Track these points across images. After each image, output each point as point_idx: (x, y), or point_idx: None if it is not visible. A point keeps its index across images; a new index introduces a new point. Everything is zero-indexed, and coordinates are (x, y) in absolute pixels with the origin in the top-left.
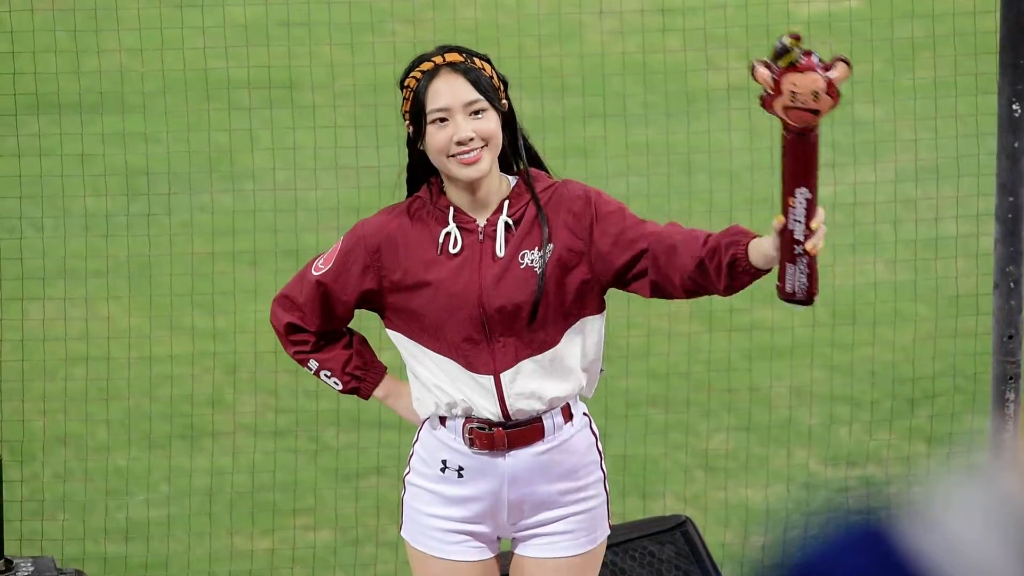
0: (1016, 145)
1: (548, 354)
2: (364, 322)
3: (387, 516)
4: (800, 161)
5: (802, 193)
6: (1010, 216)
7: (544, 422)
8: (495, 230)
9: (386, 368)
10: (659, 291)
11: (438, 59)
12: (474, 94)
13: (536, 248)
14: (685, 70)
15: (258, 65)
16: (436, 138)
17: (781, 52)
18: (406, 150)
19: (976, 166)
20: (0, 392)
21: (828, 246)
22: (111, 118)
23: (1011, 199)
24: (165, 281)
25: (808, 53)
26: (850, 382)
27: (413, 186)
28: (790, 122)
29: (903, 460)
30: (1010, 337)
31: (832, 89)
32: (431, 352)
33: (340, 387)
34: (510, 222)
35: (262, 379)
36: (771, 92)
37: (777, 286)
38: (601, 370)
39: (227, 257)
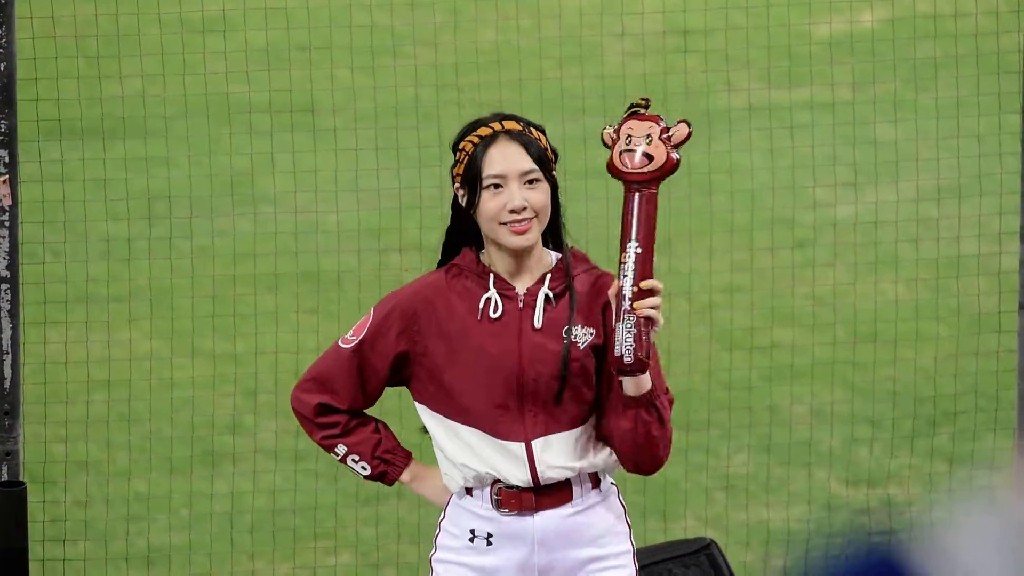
0: None
1: (578, 430)
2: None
3: (407, 539)
4: (632, 215)
5: (632, 247)
6: None
7: (572, 485)
8: (535, 300)
9: (411, 453)
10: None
11: (496, 125)
12: (530, 164)
13: (578, 324)
14: (706, 91)
15: (278, 89)
16: (489, 204)
17: (628, 108)
18: (450, 212)
19: (998, 185)
20: (21, 417)
21: (849, 264)
22: (132, 143)
23: None
24: (185, 305)
25: (653, 114)
26: (871, 402)
27: (449, 249)
28: (624, 169)
29: (924, 480)
30: None
31: (665, 137)
32: (458, 425)
33: (367, 472)
34: (551, 295)
35: (282, 403)
36: (612, 143)
37: (607, 356)
38: None
39: (247, 281)
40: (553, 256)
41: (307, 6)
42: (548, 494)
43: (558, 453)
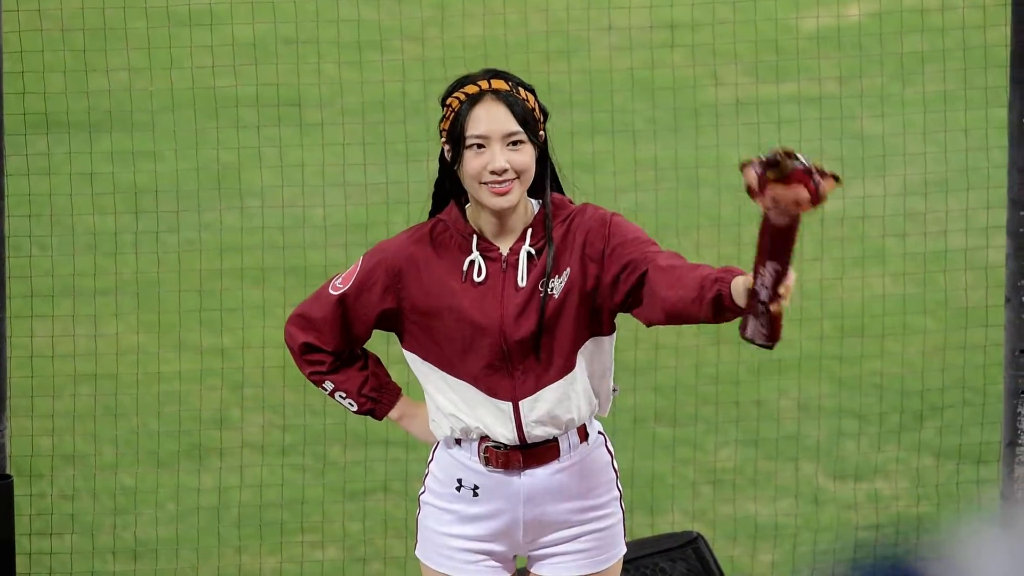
0: None
1: (567, 378)
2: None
3: (394, 533)
4: (776, 244)
5: (772, 265)
6: (1021, 230)
7: (560, 443)
8: (517, 259)
9: (401, 389)
10: (649, 318)
11: (484, 84)
12: (514, 126)
13: (557, 275)
14: (693, 85)
15: (265, 83)
16: (471, 164)
17: (771, 163)
18: (438, 164)
19: (984, 179)
20: (8, 410)
21: (836, 259)
22: (118, 137)
23: (1022, 213)
24: (172, 299)
25: (797, 167)
26: (858, 396)
27: (439, 199)
28: (770, 217)
29: (911, 474)
30: (1022, 351)
31: (816, 198)
32: (448, 376)
33: (355, 408)
34: (532, 252)
35: (269, 397)
36: (755, 192)
37: (740, 327)
38: (615, 389)
39: (234, 275)
40: (535, 205)
41: (294, 0)
42: (535, 453)
43: (547, 404)
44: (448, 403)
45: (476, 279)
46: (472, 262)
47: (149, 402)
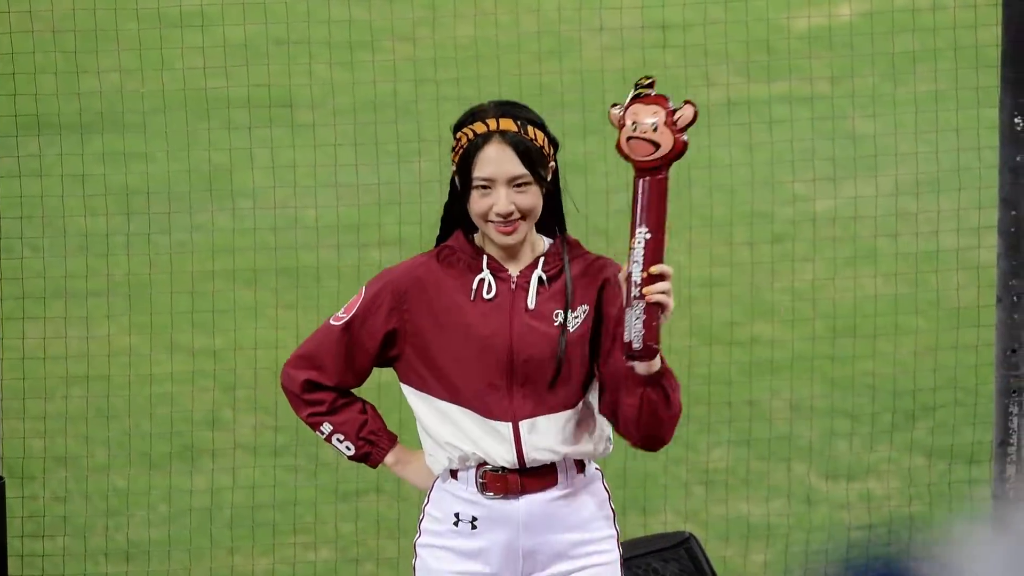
0: (1018, 159)
1: (566, 414)
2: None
3: (387, 534)
4: (643, 200)
5: (641, 233)
6: (1012, 230)
7: (558, 470)
8: (528, 282)
9: (397, 436)
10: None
11: (492, 124)
12: (520, 169)
13: (571, 311)
14: (685, 86)
15: (256, 84)
16: (477, 204)
17: (634, 89)
18: (448, 187)
19: (976, 179)
20: (0, 412)
21: (828, 259)
22: (110, 138)
23: (1013, 213)
24: (164, 300)
25: (659, 95)
26: (850, 396)
27: (449, 221)
28: (632, 156)
29: (903, 474)
30: (1013, 351)
31: (671, 121)
32: (445, 404)
33: (351, 452)
34: (544, 277)
35: (261, 398)
36: (619, 125)
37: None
38: (609, 440)
39: (226, 276)
40: (546, 241)
41: (285, 1)
42: (533, 477)
43: (545, 435)
44: (445, 431)
45: (485, 296)
46: (482, 280)
47: (141, 404)
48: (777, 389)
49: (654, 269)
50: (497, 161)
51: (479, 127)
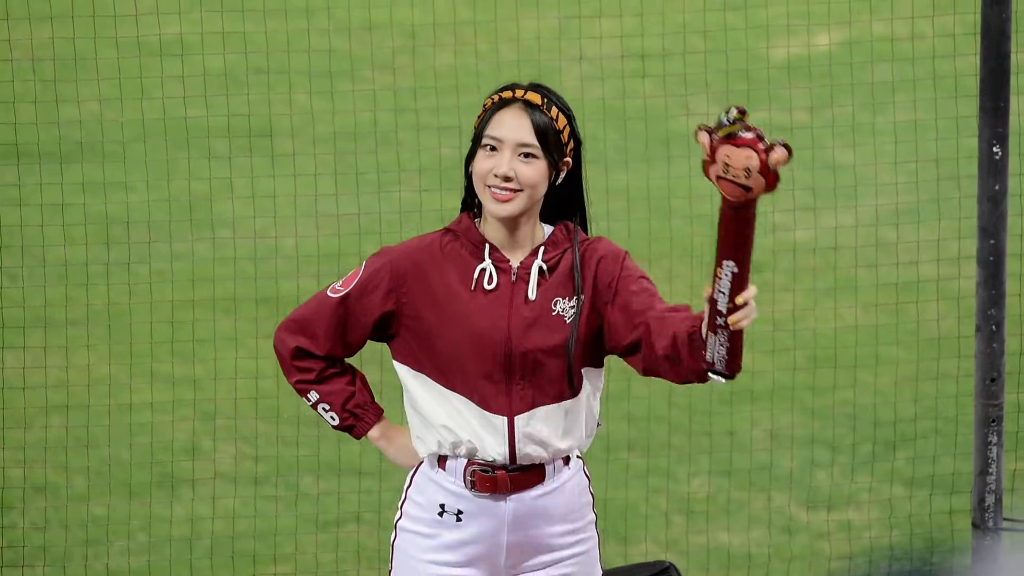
0: (997, 188)
1: (563, 404)
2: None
3: (366, 564)
4: (731, 234)
5: (728, 266)
6: (991, 259)
7: (545, 467)
8: (528, 273)
9: (383, 411)
10: (648, 370)
11: (520, 92)
12: (530, 138)
13: (568, 298)
14: (664, 115)
15: (236, 113)
16: (480, 163)
17: (723, 123)
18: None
19: (956, 209)
20: None
21: (808, 289)
22: (89, 167)
23: (992, 242)
24: (144, 329)
25: (751, 129)
26: (830, 425)
27: (468, 199)
28: (722, 192)
29: (883, 503)
30: (992, 380)
31: (765, 168)
32: (443, 388)
33: (336, 422)
34: (544, 267)
35: (241, 427)
36: (708, 159)
37: (701, 354)
38: (598, 423)
39: (206, 305)
40: (547, 229)
41: (264, 30)
42: (522, 475)
43: (541, 426)
44: (441, 414)
45: (487, 287)
46: (483, 270)
47: (120, 432)
48: (757, 419)
49: (739, 299)
50: (511, 125)
51: (506, 94)
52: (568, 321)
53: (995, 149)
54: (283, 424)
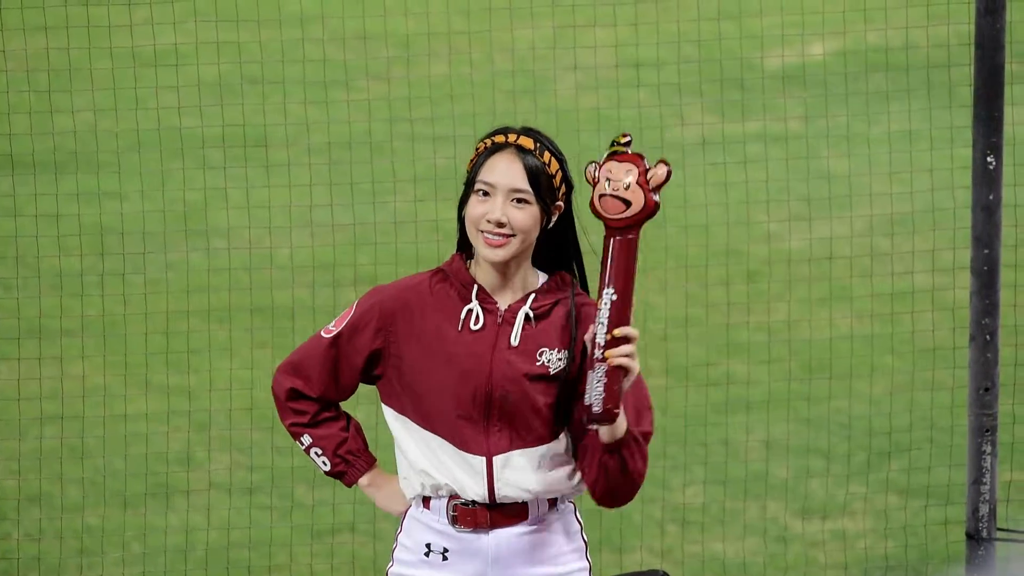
0: (991, 198)
1: (541, 449)
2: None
3: (360, 573)
4: (612, 261)
5: (608, 294)
6: (985, 269)
7: (528, 505)
8: (515, 317)
9: (375, 460)
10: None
11: (512, 137)
12: (523, 183)
13: (555, 349)
14: (659, 124)
15: (231, 123)
16: (473, 209)
17: (610, 146)
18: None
19: (950, 219)
20: None
21: (803, 299)
22: (84, 177)
23: (986, 252)
24: (138, 340)
25: (635, 153)
26: (824, 435)
27: (461, 240)
28: (603, 213)
29: (878, 513)
30: (987, 389)
31: (644, 180)
32: (422, 430)
33: (327, 468)
34: (531, 314)
35: (235, 437)
36: (593, 183)
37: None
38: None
39: (200, 315)
40: (541, 277)
41: (259, 40)
42: (503, 513)
43: (518, 470)
44: (421, 458)
45: (472, 327)
46: (470, 311)
47: (115, 443)
48: (752, 428)
49: (618, 332)
50: (504, 170)
51: (499, 138)
52: (551, 372)
53: (989, 159)
54: (277, 434)
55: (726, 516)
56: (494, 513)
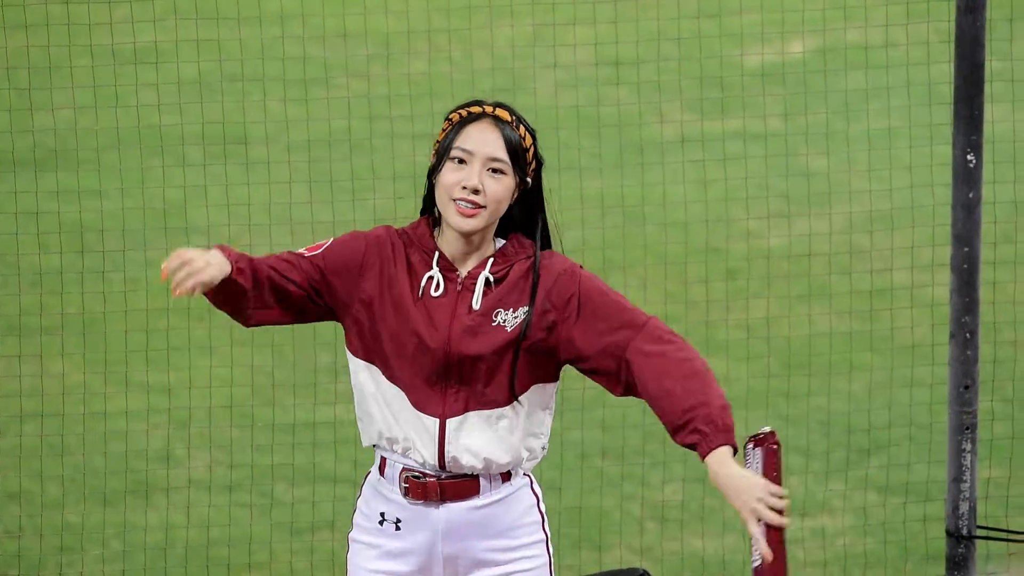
0: (971, 196)
1: (496, 412)
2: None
3: (340, 571)
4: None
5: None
6: (965, 267)
7: (480, 479)
8: (475, 283)
9: (240, 255)
10: (622, 393)
11: (488, 108)
12: (501, 153)
13: (512, 309)
14: (638, 122)
15: (211, 121)
16: (448, 176)
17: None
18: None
19: (930, 216)
20: None
21: (782, 296)
22: (64, 175)
23: (966, 250)
24: (118, 337)
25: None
26: (804, 432)
27: (428, 205)
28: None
29: (857, 510)
30: (966, 387)
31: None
32: (384, 380)
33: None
34: (491, 278)
35: (215, 434)
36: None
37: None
38: (543, 448)
39: (180, 313)
40: (499, 242)
41: (239, 37)
42: (453, 486)
43: (473, 432)
44: (381, 408)
45: (433, 294)
46: (431, 277)
47: (95, 440)
48: None
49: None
50: (482, 139)
51: (474, 109)
52: (509, 331)
53: (969, 157)
54: (257, 431)
55: (705, 513)
56: (444, 485)
